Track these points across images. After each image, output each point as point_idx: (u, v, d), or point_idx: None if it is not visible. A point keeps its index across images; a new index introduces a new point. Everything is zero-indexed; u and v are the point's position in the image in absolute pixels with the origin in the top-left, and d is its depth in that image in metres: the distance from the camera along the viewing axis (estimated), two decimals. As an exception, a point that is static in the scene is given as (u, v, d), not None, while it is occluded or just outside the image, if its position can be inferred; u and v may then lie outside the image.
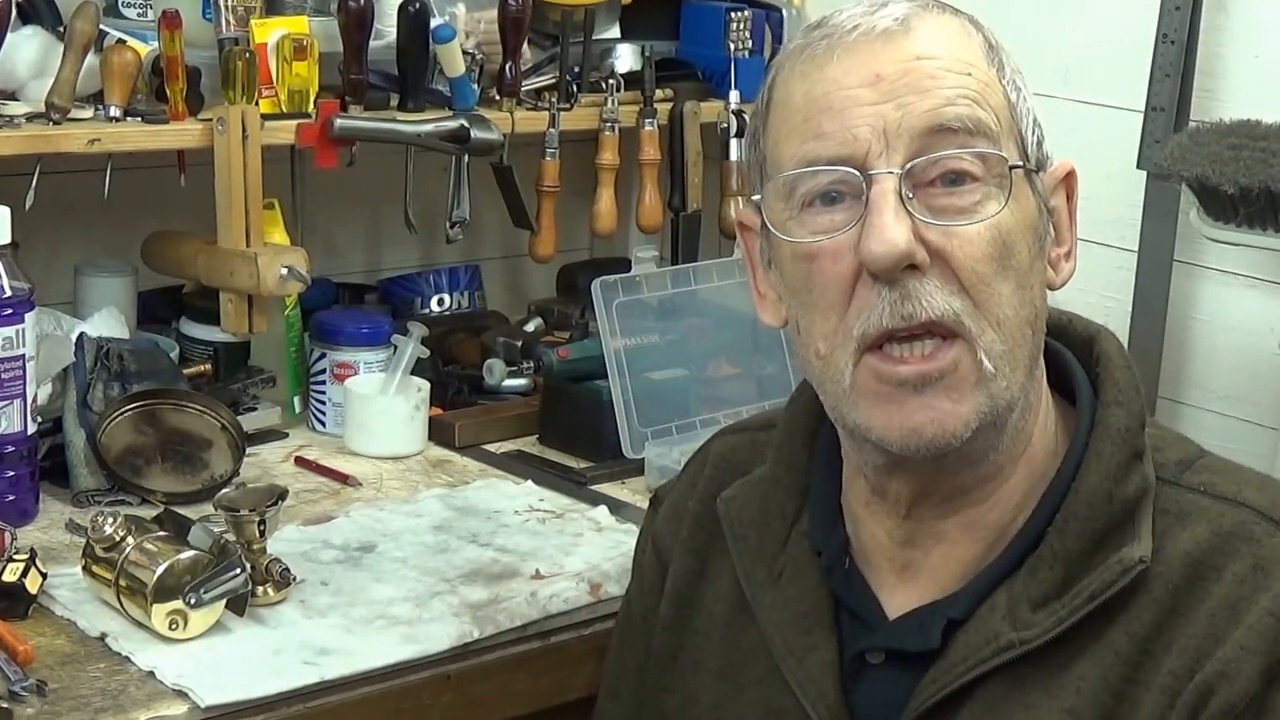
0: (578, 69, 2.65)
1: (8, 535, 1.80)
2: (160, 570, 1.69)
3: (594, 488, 2.23)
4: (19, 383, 1.92)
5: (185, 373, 2.27)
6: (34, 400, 1.96)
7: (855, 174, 1.31)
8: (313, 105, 2.33)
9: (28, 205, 2.12)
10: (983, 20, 1.40)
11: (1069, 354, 1.43)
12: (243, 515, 1.79)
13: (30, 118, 2.14)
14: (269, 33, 2.28)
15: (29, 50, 2.18)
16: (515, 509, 2.12)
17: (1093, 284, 2.36)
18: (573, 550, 1.99)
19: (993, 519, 1.39)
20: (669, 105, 2.72)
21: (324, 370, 2.37)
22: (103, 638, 1.71)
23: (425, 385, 2.33)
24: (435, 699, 1.73)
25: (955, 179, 1.30)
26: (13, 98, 2.18)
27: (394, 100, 2.46)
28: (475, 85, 2.50)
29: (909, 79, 1.31)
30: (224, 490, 1.95)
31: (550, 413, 2.39)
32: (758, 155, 1.40)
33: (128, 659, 1.67)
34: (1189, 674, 1.29)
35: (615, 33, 2.80)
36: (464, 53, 2.47)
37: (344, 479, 2.19)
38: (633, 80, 2.70)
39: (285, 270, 2.25)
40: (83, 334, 2.13)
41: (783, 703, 1.45)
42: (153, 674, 1.64)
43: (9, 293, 1.91)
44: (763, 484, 1.52)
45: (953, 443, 1.32)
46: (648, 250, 2.58)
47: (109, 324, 2.21)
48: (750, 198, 1.42)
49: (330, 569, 1.90)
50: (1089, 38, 2.46)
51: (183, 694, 1.61)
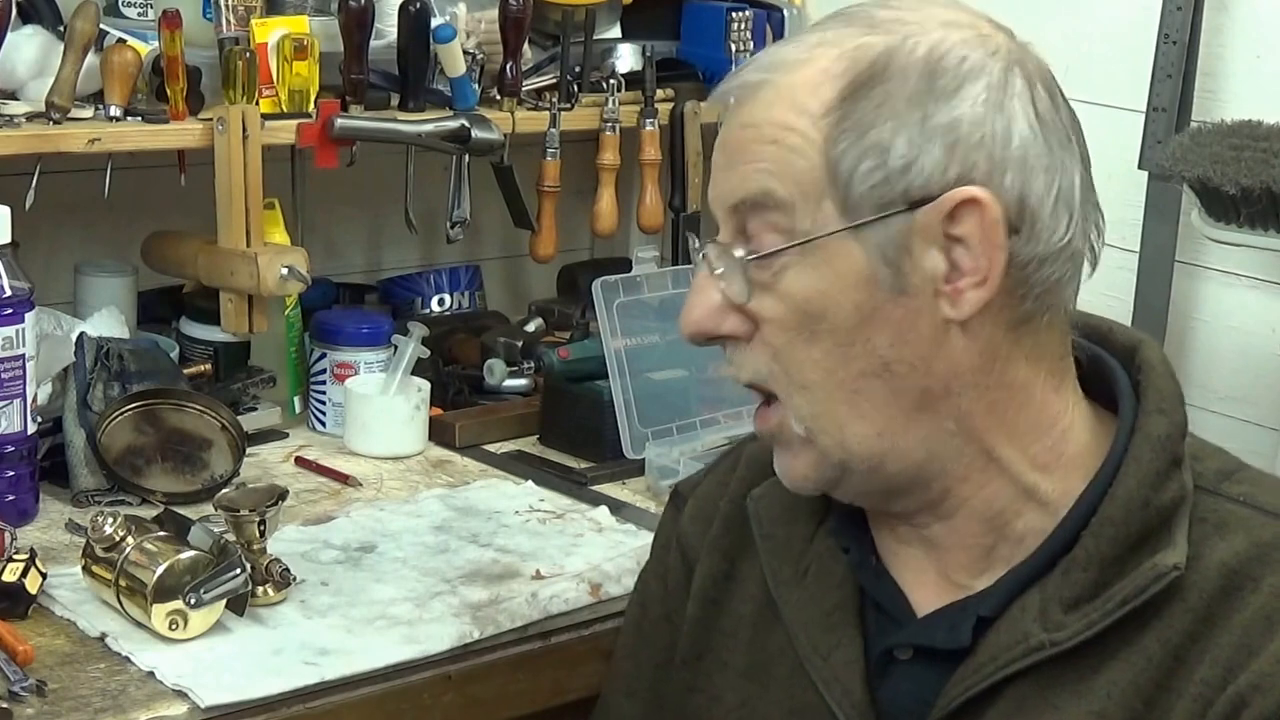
0: (578, 69, 2.65)
1: (7, 535, 1.80)
2: (160, 570, 1.68)
3: (594, 488, 2.22)
4: (19, 382, 1.92)
5: (185, 373, 2.26)
6: (34, 400, 1.96)
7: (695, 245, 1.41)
8: (313, 105, 2.33)
9: (28, 205, 2.11)
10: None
11: (1113, 361, 1.42)
12: (243, 515, 1.79)
13: (30, 117, 2.14)
14: (269, 32, 2.28)
15: (29, 50, 2.18)
16: (516, 509, 2.11)
17: (1094, 285, 2.29)
18: (573, 551, 1.99)
19: (976, 526, 1.38)
20: (670, 105, 2.72)
21: (324, 370, 2.37)
22: (103, 638, 1.70)
23: (425, 385, 2.33)
24: (435, 699, 1.72)
25: (762, 252, 1.33)
26: (13, 97, 2.18)
27: (394, 100, 2.46)
28: (476, 85, 2.50)
29: (731, 151, 1.36)
30: (224, 490, 1.95)
31: (551, 413, 2.39)
32: None
33: (128, 659, 1.67)
34: (1222, 684, 1.28)
35: (616, 33, 2.80)
36: (465, 52, 2.47)
37: (344, 479, 2.19)
38: (633, 80, 2.70)
39: (285, 270, 2.25)
40: (83, 334, 2.13)
41: (808, 700, 1.44)
42: (153, 674, 1.64)
43: (9, 292, 1.90)
44: None
45: (813, 492, 1.40)
46: (648, 250, 2.57)
47: (109, 324, 2.21)
48: None
49: (330, 569, 1.90)
50: (1090, 38, 2.45)
51: (183, 694, 1.60)
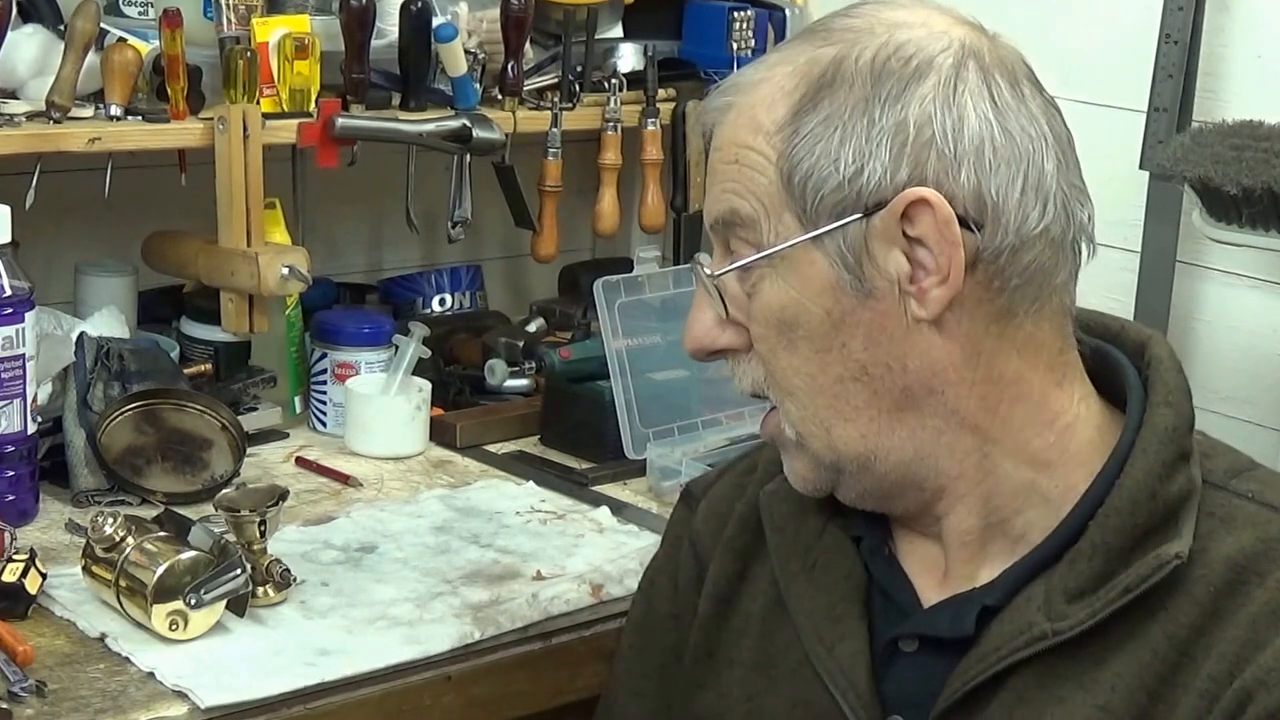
0: (580, 68, 2.64)
1: (7, 535, 1.80)
2: (160, 571, 1.68)
3: (596, 489, 2.22)
4: (19, 382, 1.92)
5: (186, 372, 2.26)
6: (34, 400, 1.95)
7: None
8: (314, 104, 2.32)
9: (28, 204, 2.11)
10: (985, 22, 1.37)
11: (1123, 357, 1.43)
12: (243, 516, 1.79)
13: (31, 116, 2.14)
14: (270, 31, 2.27)
15: (29, 49, 2.18)
16: (516, 510, 2.11)
17: (1095, 285, 2.30)
18: (574, 551, 1.99)
19: (973, 523, 1.39)
20: (671, 105, 2.72)
21: (325, 370, 2.37)
22: (102, 638, 1.70)
23: (426, 385, 2.33)
24: (436, 700, 1.72)
25: (737, 268, 1.37)
26: (13, 96, 2.18)
27: (396, 99, 2.46)
28: (477, 84, 2.49)
29: (709, 175, 1.40)
30: (224, 490, 1.94)
31: (552, 413, 2.39)
32: None
33: (127, 659, 1.66)
34: (1228, 679, 1.28)
35: (618, 32, 2.79)
36: (466, 52, 2.47)
37: (345, 479, 2.19)
38: (635, 80, 2.70)
39: (286, 270, 2.25)
40: (83, 333, 2.13)
41: (814, 693, 1.44)
42: (152, 675, 1.64)
43: (9, 292, 1.90)
44: None
45: (816, 492, 1.43)
46: (650, 250, 2.58)
47: (109, 323, 2.21)
48: None
49: (331, 570, 1.90)
50: (1091, 38, 2.45)
51: (183, 695, 1.60)
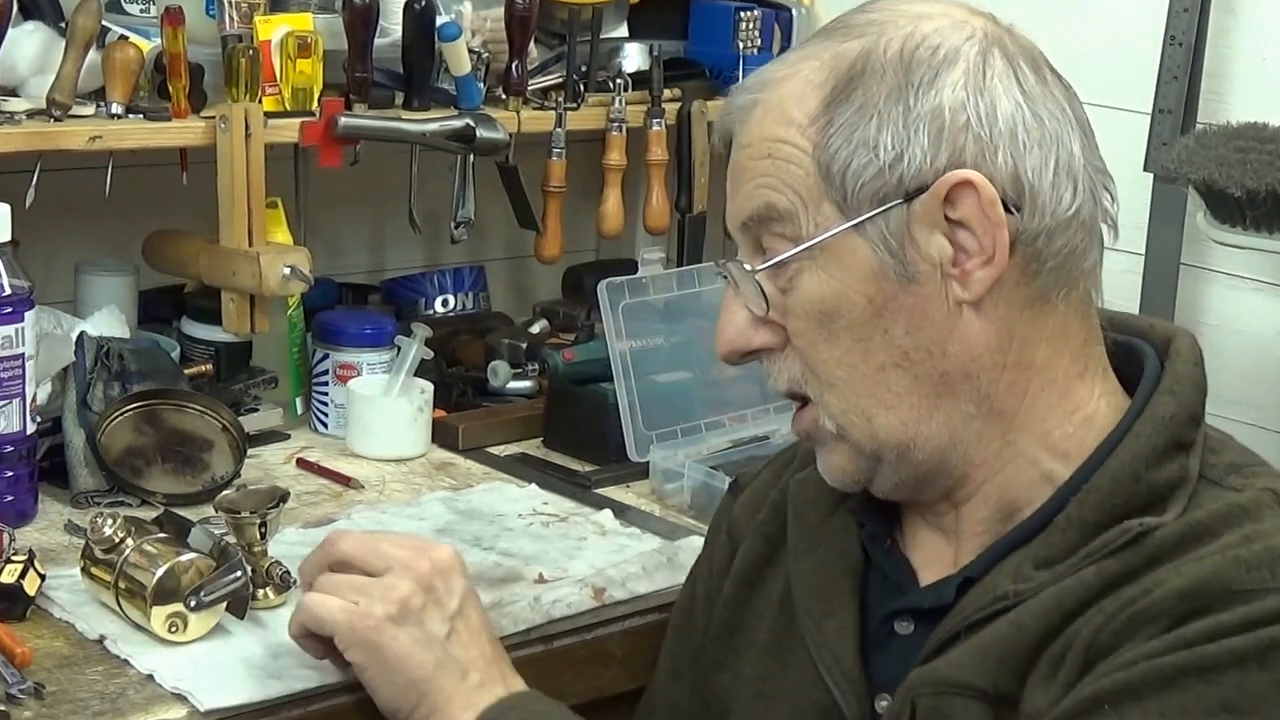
0: (585, 68, 2.63)
1: (6, 536, 1.79)
2: (160, 572, 1.67)
3: (599, 491, 2.21)
4: (18, 382, 1.91)
5: (186, 373, 2.26)
6: (33, 400, 1.95)
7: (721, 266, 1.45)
8: (317, 103, 2.32)
9: (28, 203, 2.10)
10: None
11: (1149, 351, 1.45)
12: (244, 517, 1.78)
13: (31, 114, 2.13)
14: (273, 30, 2.27)
15: (30, 46, 2.17)
16: (519, 512, 2.10)
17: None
18: (577, 554, 1.98)
19: (988, 512, 1.41)
20: (677, 105, 2.71)
21: (326, 371, 2.36)
22: (101, 640, 1.69)
23: (429, 387, 2.32)
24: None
25: (776, 263, 1.38)
26: (14, 94, 2.17)
27: (399, 99, 2.45)
28: (481, 84, 2.48)
29: (734, 175, 1.42)
30: (225, 492, 1.94)
31: (555, 415, 2.38)
32: None
33: (126, 662, 1.66)
34: (1119, 612, 1.29)
35: (623, 32, 2.79)
36: (470, 51, 2.46)
37: (346, 481, 2.18)
38: (640, 80, 2.69)
39: (288, 270, 2.24)
40: (83, 333, 2.12)
41: (813, 675, 1.46)
42: (152, 677, 1.63)
43: (9, 291, 1.89)
44: None
45: (849, 484, 1.45)
46: (654, 251, 2.57)
47: (109, 323, 2.20)
48: None
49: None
50: (1095, 39, 2.44)
51: (182, 697, 1.59)
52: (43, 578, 1.75)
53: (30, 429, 1.95)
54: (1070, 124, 1.38)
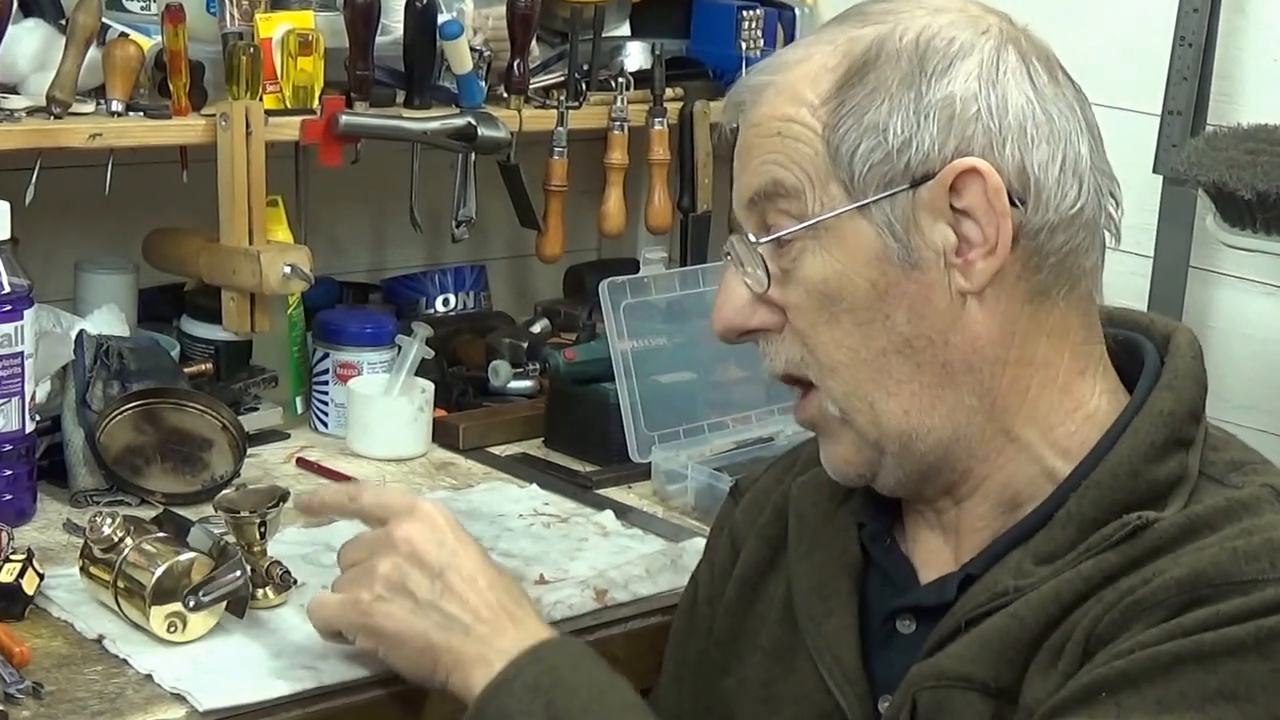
0: (587, 67, 2.63)
1: (4, 535, 1.79)
2: (159, 572, 1.67)
3: (600, 492, 2.20)
4: (17, 380, 1.90)
5: (186, 372, 2.25)
6: (32, 398, 1.94)
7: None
8: (317, 101, 2.31)
9: (28, 200, 2.10)
10: None
11: (1149, 347, 1.45)
12: (243, 517, 1.77)
13: (31, 112, 2.13)
14: (274, 27, 2.26)
15: (30, 43, 2.17)
16: (520, 513, 2.09)
17: (1107, 289, 2.29)
18: (578, 555, 1.97)
19: (988, 508, 1.41)
20: (679, 104, 2.71)
21: (327, 370, 2.35)
22: (100, 640, 1.69)
23: (429, 386, 2.31)
24: (437, 705, 1.70)
25: (779, 241, 1.38)
26: (13, 91, 2.17)
27: (400, 97, 2.45)
28: (482, 82, 2.48)
29: (743, 153, 1.42)
30: (224, 491, 1.93)
31: (556, 415, 2.37)
32: None
33: (125, 661, 1.65)
34: (1114, 605, 1.29)
35: (625, 30, 2.79)
36: (471, 49, 2.46)
37: (346, 481, 2.17)
38: (642, 79, 2.69)
39: (288, 268, 2.23)
40: (82, 331, 2.12)
41: (815, 678, 1.46)
42: (150, 677, 1.62)
43: (8, 289, 1.88)
44: None
45: (853, 476, 1.43)
46: (656, 251, 2.57)
47: (109, 321, 2.19)
48: None
49: (332, 572, 1.85)
50: (1105, 40, 2.44)
51: (181, 697, 1.59)
52: (41, 577, 1.74)
53: (29, 427, 1.94)
54: (1079, 125, 1.39)
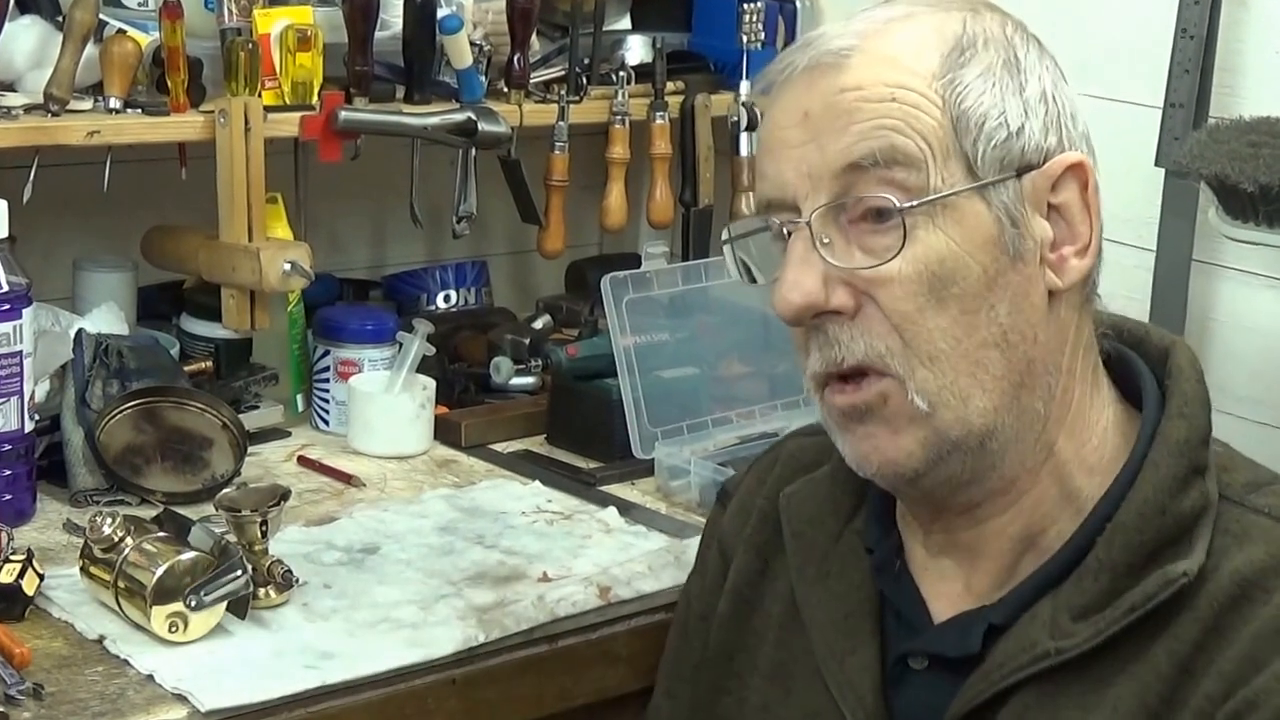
0: (587, 61, 2.62)
1: (4, 535, 1.79)
2: (160, 572, 1.67)
3: (603, 488, 2.20)
4: (16, 380, 1.90)
5: (186, 370, 2.25)
6: (31, 398, 1.94)
7: (776, 222, 1.35)
8: (317, 97, 2.31)
9: (25, 198, 2.09)
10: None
11: (1142, 365, 1.42)
12: (244, 516, 1.77)
13: (28, 109, 2.12)
14: (272, 23, 2.26)
15: (27, 40, 2.16)
16: (522, 510, 2.09)
17: (1110, 284, 2.29)
18: (581, 552, 1.97)
19: (1016, 530, 1.38)
20: (680, 98, 2.70)
21: (327, 368, 2.35)
22: (101, 640, 1.69)
23: (431, 383, 2.31)
24: (440, 704, 1.71)
25: (880, 214, 1.31)
26: (10, 89, 2.16)
27: (400, 92, 2.45)
28: (483, 77, 2.48)
29: (828, 117, 1.32)
30: (225, 490, 1.94)
31: (558, 412, 2.37)
32: None
33: (126, 662, 1.65)
34: (1224, 698, 1.26)
35: (626, 24, 2.79)
36: (471, 44, 2.45)
37: (347, 479, 2.17)
38: (643, 73, 2.68)
39: (288, 265, 2.23)
40: (81, 330, 2.11)
41: (824, 706, 1.44)
42: (151, 677, 1.62)
43: (6, 288, 1.88)
44: (824, 481, 1.52)
45: (903, 472, 1.34)
46: (658, 246, 2.55)
47: (108, 320, 2.19)
48: None
49: (333, 571, 1.88)
50: (1107, 33, 2.43)
51: (182, 698, 1.59)
52: (41, 577, 1.74)
53: (28, 427, 1.94)
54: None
